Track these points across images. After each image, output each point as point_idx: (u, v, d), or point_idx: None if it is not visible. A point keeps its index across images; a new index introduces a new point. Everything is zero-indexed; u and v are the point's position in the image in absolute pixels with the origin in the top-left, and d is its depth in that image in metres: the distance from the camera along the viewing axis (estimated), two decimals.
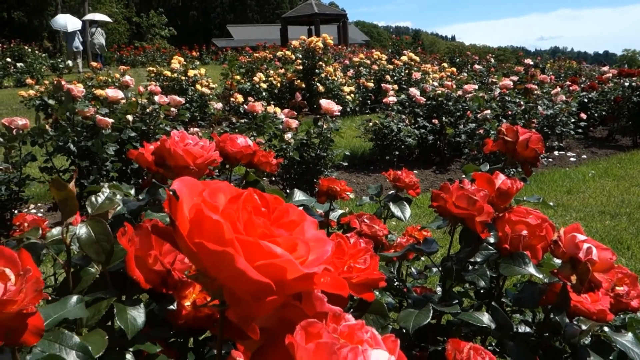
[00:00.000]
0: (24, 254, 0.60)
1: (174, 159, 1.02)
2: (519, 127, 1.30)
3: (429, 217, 4.27)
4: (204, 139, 1.11)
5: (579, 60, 31.88)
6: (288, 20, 28.32)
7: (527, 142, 1.27)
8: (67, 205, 0.88)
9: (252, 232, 0.38)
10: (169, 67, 8.33)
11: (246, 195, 0.41)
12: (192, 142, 1.06)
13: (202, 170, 1.05)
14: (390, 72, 10.14)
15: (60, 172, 3.96)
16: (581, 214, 4.30)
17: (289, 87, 9.11)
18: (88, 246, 0.89)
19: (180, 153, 1.01)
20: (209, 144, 1.08)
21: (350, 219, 1.35)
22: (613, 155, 7.16)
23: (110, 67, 19.90)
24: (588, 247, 1.01)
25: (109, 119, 3.73)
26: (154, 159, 1.06)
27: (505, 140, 1.29)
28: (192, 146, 1.04)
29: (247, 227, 0.38)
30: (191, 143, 1.05)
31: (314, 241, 0.41)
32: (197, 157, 1.03)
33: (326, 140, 4.60)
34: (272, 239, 0.38)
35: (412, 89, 6.56)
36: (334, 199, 1.43)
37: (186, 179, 0.41)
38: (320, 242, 0.41)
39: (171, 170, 1.04)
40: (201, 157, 1.03)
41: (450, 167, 6.50)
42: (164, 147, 1.03)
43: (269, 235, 0.39)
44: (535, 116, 5.77)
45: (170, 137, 1.05)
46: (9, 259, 0.59)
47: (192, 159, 1.02)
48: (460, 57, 17.71)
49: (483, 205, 1.07)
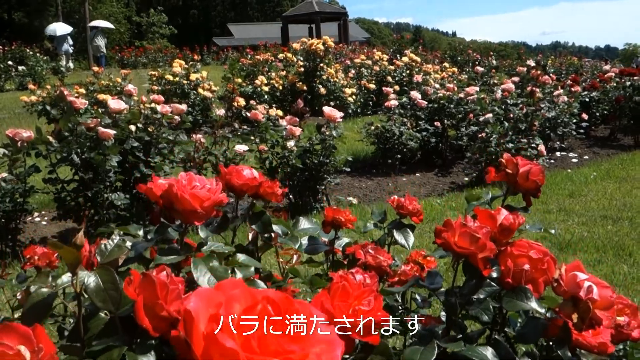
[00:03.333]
0: (39, 330, 0.62)
1: (181, 203, 1.04)
2: (519, 159, 1.31)
3: (431, 224, 4.29)
4: (211, 179, 1.13)
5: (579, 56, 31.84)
6: (289, 19, 28.31)
7: (527, 174, 1.29)
8: (74, 260, 0.90)
9: (266, 350, 0.40)
10: (170, 71, 8.35)
11: (260, 308, 0.43)
12: (200, 185, 1.07)
13: (209, 213, 1.07)
14: (391, 73, 10.15)
15: (64, 183, 3.99)
16: (583, 218, 4.32)
17: (291, 90, 9.13)
18: (96, 295, 0.91)
19: (188, 198, 1.03)
20: (215, 184, 1.10)
21: (355, 249, 1.37)
22: (615, 156, 7.16)
23: (111, 68, 19.95)
24: (589, 286, 1.03)
25: (111, 131, 3.75)
26: (163, 202, 1.08)
27: (506, 172, 1.31)
28: (199, 190, 1.06)
29: (261, 345, 0.40)
30: (198, 186, 1.07)
31: (324, 343, 0.43)
32: (204, 201, 1.05)
33: (329, 147, 4.61)
34: (285, 356, 0.40)
35: (413, 92, 6.57)
36: (339, 228, 1.45)
37: (202, 294, 0.43)
38: (330, 345, 0.43)
39: (179, 214, 1.06)
40: (208, 201, 1.05)
41: (452, 170, 6.51)
42: (172, 191, 1.05)
43: (282, 352, 0.41)
44: (537, 118, 5.78)
45: (178, 180, 1.07)
46: (24, 335, 0.61)
47: (199, 203, 1.04)
48: (462, 55, 17.68)
49: (486, 243, 1.09)
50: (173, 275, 0.94)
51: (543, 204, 4.75)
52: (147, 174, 4.05)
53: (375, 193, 5.52)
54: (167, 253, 1.05)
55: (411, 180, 6.02)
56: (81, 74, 17.17)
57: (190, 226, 1.12)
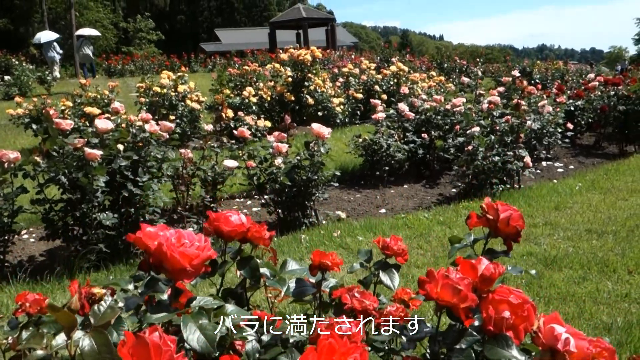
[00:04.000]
0: None
1: (171, 262, 1.06)
2: (499, 204, 1.35)
3: (419, 239, 4.33)
4: (200, 234, 1.15)
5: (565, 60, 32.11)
6: (276, 24, 28.37)
7: (508, 220, 1.32)
8: (69, 323, 0.93)
9: None
10: (158, 82, 8.34)
11: None
12: (189, 243, 1.10)
13: (198, 270, 1.09)
14: (379, 82, 10.21)
15: (52, 204, 3.99)
16: (568, 232, 4.37)
17: (279, 100, 9.16)
18: (91, 358, 0.94)
19: (177, 257, 1.06)
20: (204, 240, 1.13)
21: (341, 292, 1.40)
22: (600, 165, 7.25)
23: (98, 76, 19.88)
24: (566, 338, 1.06)
25: (97, 152, 3.75)
26: (153, 260, 1.10)
27: (487, 218, 1.34)
28: (189, 247, 1.08)
29: None
30: (187, 243, 1.10)
31: None
32: (193, 259, 1.07)
33: (317, 164, 4.64)
34: None
35: (400, 104, 6.62)
36: (326, 271, 1.47)
37: None
38: None
39: (169, 272, 1.08)
40: (197, 258, 1.08)
41: (440, 181, 6.57)
42: (161, 250, 1.07)
43: None
44: (523, 131, 5.84)
45: (167, 237, 1.09)
46: None
47: (188, 262, 1.07)
48: (449, 61, 17.80)
49: (467, 295, 1.13)
50: (165, 335, 0.97)
51: (529, 217, 4.81)
52: (135, 193, 4.06)
53: (363, 206, 5.56)
54: (158, 311, 1.08)
55: (399, 193, 6.06)
56: (67, 83, 17.10)
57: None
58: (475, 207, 5.11)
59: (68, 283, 3.75)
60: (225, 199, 5.93)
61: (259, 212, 5.40)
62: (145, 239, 1.26)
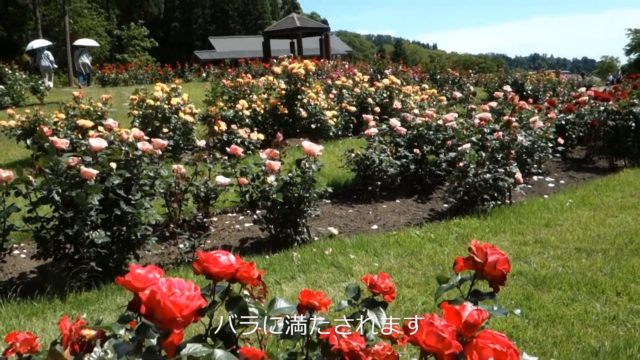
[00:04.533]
0: None
1: (162, 312, 1.08)
2: (488, 247, 1.38)
3: (410, 257, 4.35)
4: (189, 282, 1.17)
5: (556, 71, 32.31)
6: (270, 34, 28.46)
7: (495, 263, 1.35)
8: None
9: None
10: (151, 95, 8.36)
11: None
12: (179, 292, 1.12)
13: (188, 320, 1.11)
14: (372, 95, 10.26)
15: (44, 222, 3.99)
16: (558, 251, 4.40)
17: (272, 113, 9.19)
18: None
19: (170, 306, 1.08)
20: (193, 290, 1.15)
21: (329, 333, 1.42)
22: (590, 180, 7.31)
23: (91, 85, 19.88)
24: None
25: (93, 171, 3.76)
26: (144, 311, 1.12)
27: (474, 260, 1.37)
28: (179, 297, 1.10)
29: None
30: (178, 293, 1.12)
31: None
32: (184, 309, 1.09)
33: (309, 181, 4.66)
34: None
35: (392, 120, 6.67)
36: (314, 311, 1.49)
37: None
38: None
39: (159, 322, 1.10)
40: (187, 308, 1.10)
41: (432, 196, 6.60)
42: (153, 299, 1.09)
43: None
44: (514, 147, 5.89)
45: (158, 287, 1.11)
46: None
47: (179, 311, 1.09)
48: (442, 72, 17.91)
49: (451, 342, 1.15)
50: None
51: (520, 235, 4.85)
52: (127, 211, 4.06)
53: (355, 222, 5.58)
54: (148, 358, 1.09)
55: (391, 208, 6.09)
56: (60, 92, 17.09)
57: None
58: (466, 225, 5.15)
59: (59, 303, 3.76)
60: (218, 213, 5.94)
61: (252, 227, 5.42)
62: (134, 282, 1.29)
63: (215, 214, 5.85)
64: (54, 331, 3.36)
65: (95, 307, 3.67)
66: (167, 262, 4.67)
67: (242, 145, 8.08)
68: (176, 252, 4.77)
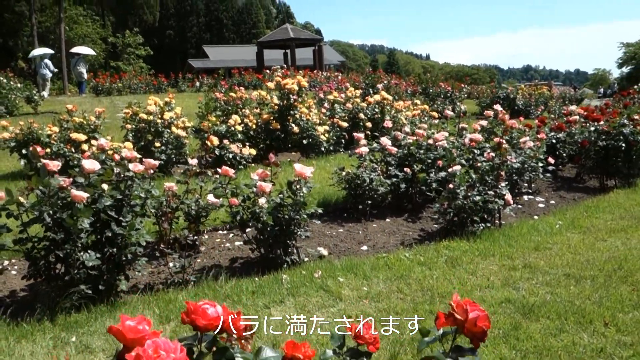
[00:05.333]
0: None
1: None
2: (468, 303, 1.40)
3: (399, 281, 4.37)
4: (175, 342, 1.19)
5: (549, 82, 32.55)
6: (264, 44, 28.59)
7: (475, 320, 1.37)
8: None
9: None
10: (144, 109, 8.38)
11: None
12: (164, 354, 1.14)
13: None
14: (364, 110, 10.32)
15: (34, 243, 3.99)
16: (547, 277, 4.43)
17: (265, 128, 9.22)
18: None
19: None
20: (179, 352, 1.16)
21: None
22: (580, 201, 7.36)
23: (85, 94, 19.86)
24: None
25: (84, 194, 3.77)
26: None
27: (455, 317, 1.39)
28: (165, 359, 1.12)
29: None
30: (164, 355, 1.13)
31: None
32: None
33: (300, 203, 4.68)
34: None
35: (383, 139, 6.71)
36: None
37: None
38: None
39: None
40: None
41: (422, 215, 6.62)
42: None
43: None
44: (504, 169, 5.94)
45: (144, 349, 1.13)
46: None
47: None
48: (434, 86, 18.01)
49: None
50: None
51: (509, 259, 4.87)
52: (118, 233, 4.07)
53: (345, 242, 5.60)
54: None
55: (381, 227, 6.12)
56: (55, 101, 17.07)
57: None
58: (455, 248, 5.18)
59: (49, 325, 3.76)
60: (209, 230, 5.95)
61: (242, 246, 5.43)
62: (125, 332, 1.31)
63: (205, 231, 5.85)
64: (43, 355, 3.35)
65: (84, 330, 3.67)
66: (157, 282, 4.67)
67: (234, 160, 8.11)
68: (166, 272, 4.78)
